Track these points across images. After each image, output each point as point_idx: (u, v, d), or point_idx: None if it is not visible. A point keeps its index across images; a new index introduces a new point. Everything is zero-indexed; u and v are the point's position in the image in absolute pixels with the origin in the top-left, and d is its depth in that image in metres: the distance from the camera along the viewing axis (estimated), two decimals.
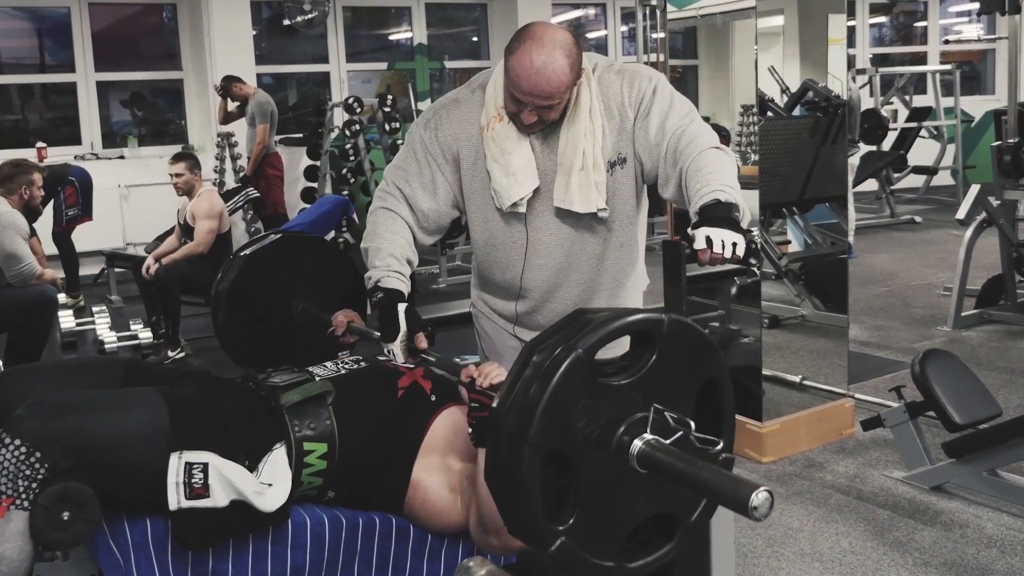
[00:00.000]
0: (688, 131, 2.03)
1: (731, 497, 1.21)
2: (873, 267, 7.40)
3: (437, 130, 2.18)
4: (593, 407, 1.35)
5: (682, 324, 1.43)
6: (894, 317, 5.87)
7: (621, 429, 1.36)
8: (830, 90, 5.00)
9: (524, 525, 1.36)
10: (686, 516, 1.48)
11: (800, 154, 4.62)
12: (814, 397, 4.04)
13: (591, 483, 1.37)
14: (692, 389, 1.47)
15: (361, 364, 2.05)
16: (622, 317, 1.39)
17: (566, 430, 1.33)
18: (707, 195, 1.84)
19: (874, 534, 3.06)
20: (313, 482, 1.84)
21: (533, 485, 1.31)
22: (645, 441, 1.34)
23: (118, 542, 1.66)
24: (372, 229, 2.22)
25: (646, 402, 1.38)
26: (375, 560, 1.89)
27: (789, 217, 5.51)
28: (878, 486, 3.42)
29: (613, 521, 1.41)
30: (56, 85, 9.06)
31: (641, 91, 2.09)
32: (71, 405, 1.67)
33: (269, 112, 7.83)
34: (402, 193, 2.21)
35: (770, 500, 1.17)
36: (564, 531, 1.35)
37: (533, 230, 2.18)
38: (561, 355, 1.32)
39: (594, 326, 1.35)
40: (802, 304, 5.07)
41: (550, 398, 1.30)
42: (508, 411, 1.33)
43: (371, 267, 2.16)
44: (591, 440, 1.35)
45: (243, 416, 1.80)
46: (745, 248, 1.77)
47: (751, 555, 2.94)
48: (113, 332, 5.84)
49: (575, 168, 2.08)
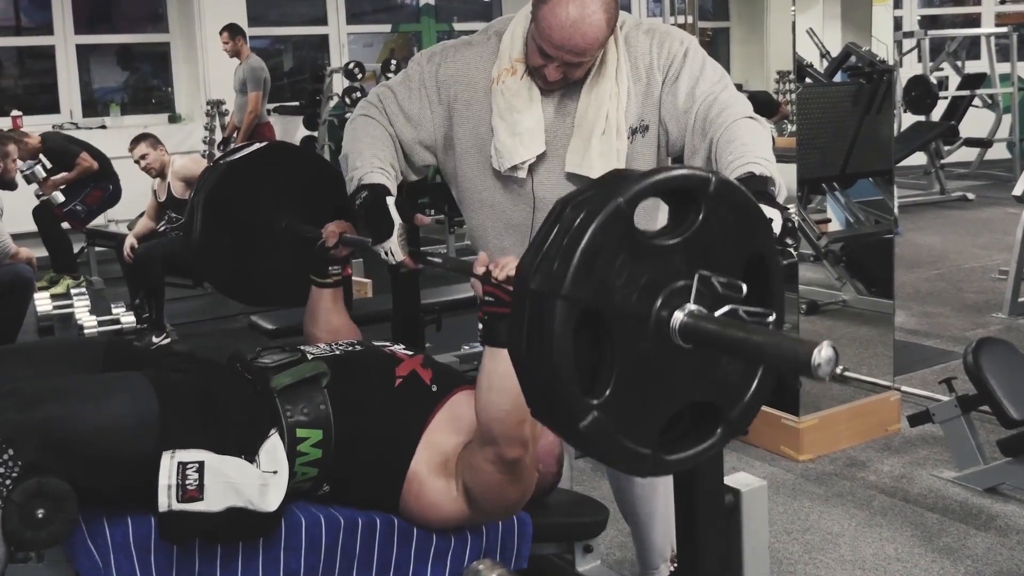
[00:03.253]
0: (720, 99, 2.01)
1: (790, 357, 1.16)
2: (921, 248, 7.35)
3: (440, 66, 2.17)
4: (633, 266, 1.29)
5: (731, 186, 1.39)
6: (944, 303, 5.83)
7: (662, 298, 1.31)
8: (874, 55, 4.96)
9: (552, 398, 1.29)
10: (728, 408, 1.44)
11: (841, 124, 4.59)
12: (856, 390, 4.02)
13: (629, 354, 1.31)
14: (738, 262, 1.41)
15: (356, 347, 2.04)
16: (665, 171, 1.35)
17: (603, 288, 1.27)
18: (740, 168, 1.83)
19: (922, 540, 3.04)
20: (308, 473, 1.83)
21: (565, 346, 1.25)
22: (688, 312, 1.30)
23: (97, 543, 1.66)
24: (352, 135, 2.19)
25: (690, 269, 1.33)
26: (375, 564, 1.89)
27: (829, 193, 5.49)
28: (926, 487, 3.40)
29: (651, 403, 1.36)
30: (33, 49, 9.08)
31: (671, 53, 2.08)
32: (48, 393, 1.66)
33: (262, 79, 7.82)
34: (386, 113, 2.20)
35: (834, 357, 1.14)
36: (598, 405, 1.29)
37: (541, 193, 2.15)
38: (598, 205, 1.27)
39: (634, 178, 1.32)
40: (843, 288, 5.04)
41: (587, 247, 1.24)
42: (538, 265, 1.27)
43: (351, 169, 2.13)
44: (629, 303, 1.30)
45: (236, 402, 1.79)
46: (782, 226, 1.76)
47: (787, 562, 2.93)
48: (93, 316, 5.82)
49: (596, 132, 2.06)
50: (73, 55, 8.87)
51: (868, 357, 4.24)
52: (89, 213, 6.80)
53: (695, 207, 1.35)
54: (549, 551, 2.24)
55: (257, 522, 1.71)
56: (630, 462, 1.35)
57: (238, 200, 2.38)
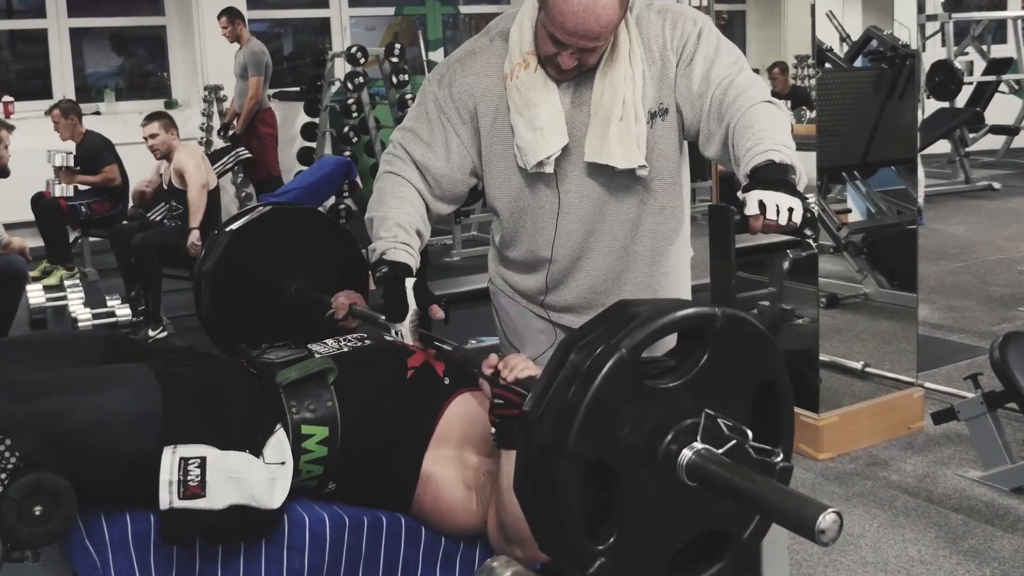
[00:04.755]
0: (736, 82, 2.01)
1: (794, 519, 1.20)
2: (945, 239, 7.34)
3: (451, 86, 2.17)
4: (638, 413, 1.34)
5: (737, 319, 1.42)
6: (969, 296, 5.82)
7: (669, 437, 1.36)
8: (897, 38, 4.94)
9: (559, 544, 1.35)
10: (739, 532, 1.47)
11: (863, 111, 4.59)
12: (878, 386, 4.03)
13: (635, 497, 1.36)
14: (748, 392, 1.46)
15: (365, 342, 2.04)
16: (670, 312, 1.38)
17: (608, 439, 1.32)
18: (759, 155, 1.82)
19: (946, 541, 3.04)
20: (312, 471, 1.84)
21: (571, 500, 1.31)
22: (695, 451, 1.34)
23: (95, 541, 1.66)
24: (378, 197, 2.21)
25: (696, 407, 1.38)
26: (381, 564, 1.89)
27: (850, 182, 5.48)
28: (951, 487, 3.40)
29: (659, 539, 1.41)
30: (25, 32, 9.09)
31: (685, 34, 2.08)
32: (47, 385, 1.66)
33: (263, 63, 7.83)
34: (411, 157, 2.20)
35: (839, 523, 1.17)
36: (604, 551, 1.34)
37: (564, 192, 2.16)
38: (603, 355, 1.31)
39: (639, 322, 1.35)
40: (864, 281, 5.04)
41: (591, 403, 1.29)
42: (543, 417, 1.32)
43: (375, 238, 2.15)
44: (636, 450, 1.35)
45: (241, 397, 1.79)
46: (801, 217, 1.76)
47: (806, 564, 2.93)
48: (88, 309, 5.83)
49: (613, 118, 2.05)
50: (66, 38, 8.88)
51: (890, 352, 4.24)
52: (89, 219, 6.85)
53: (701, 344, 1.39)
54: None
55: (260, 519, 1.72)
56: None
57: (246, 268, 2.43)
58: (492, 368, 1.77)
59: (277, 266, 2.45)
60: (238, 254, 2.43)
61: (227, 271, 2.42)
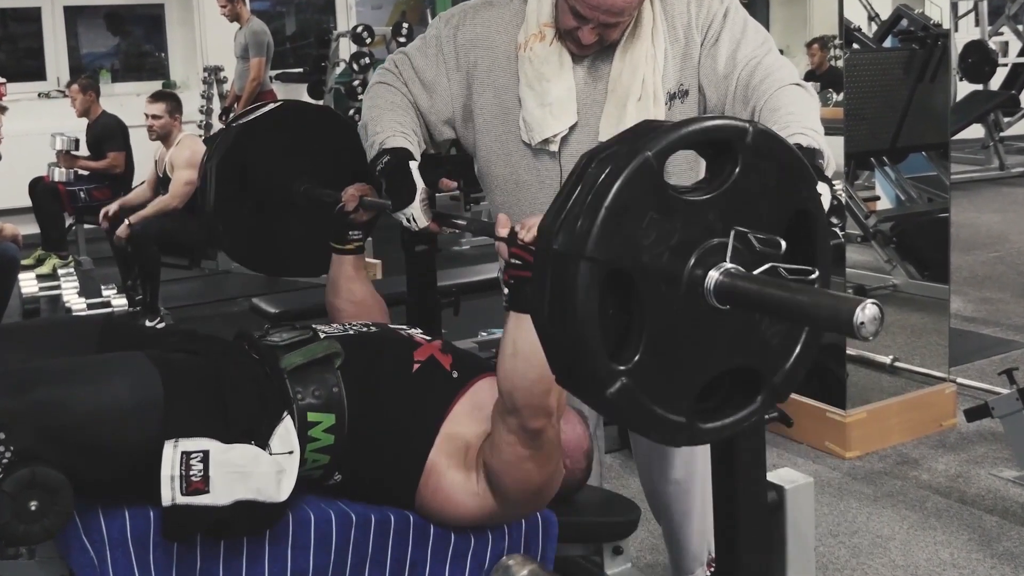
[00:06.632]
0: (763, 63, 2.01)
1: (831, 315, 1.17)
2: (979, 228, 7.31)
3: (458, 28, 2.18)
4: (663, 224, 1.30)
5: (771, 137, 1.39)
6: (1004, 288, 5.80)
7: (696, 255, 1.31)
8: (928, 18, 4.92)
9: (577, 364, 1.30)
10: (771, 372, 1.44)
11: (892, 94, 4.58)
12: (908, 381, 4.01)
13: (659, 317, 1.32)
14: (780, 219, 1.41)
15: (371, 328, 2.05)
16: (698, 121, 1.35)
17: (630, 246, 1.28)
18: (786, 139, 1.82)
19: (980, 544, 3.03)
20: (319, 460, 1.84)
21: (590, 310, 1.26)
22: (724, 271, 1.30)
23: (92, 538, 1.67)
24: (371, 102, 2.22)
25: (726, 225, 1.33)
26: (389, 563, 1.89)
27: (878, 168, 5.46)
28: (984, 487, 3.39)
29: (684, 368, 1.36)
30: (17, 11, 9.10)
31: (711, 13, 2.08)
32: (42, 375, 1.67)
33: (265, 43, 7.83)
34: (403, 79, 2.22)
35: (879, 316, 1.14)
36: (626, 371, 1.29)
37: (568, 170, 2.15)
38: (625, 159, 1.27)
39: (664, 130, 1.31)
40: (893, 272, 5.02)
41: (612, 204, 1.25)
42: (560, 225, 1.28)
43: (372, 135, 2.15)
44: (660, 263, 1.30)
45: (246, 385, 1.79)
46: (829, 202, 1.75)
47: (832, 567, 2.93)
48: (82, 298, 5.87)
49: (631, 98, 2.05)
50: (60, 18, 8.91)
51: (921, 346, 4.22)
52: (87, 205, 6.87)
53: (731, 159, 1.35)
54: (576, 552, 2.24)
55: (265, 514, 1.72)
56: (663, 431, 1.35)
57: (253, 165, 2.43)
58: (507, 228, 1.78)
59: (287, 163, 2.46)
60: (246, 150, 2.43)
61: (234, 166, 2.42)
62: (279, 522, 1.77)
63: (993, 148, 9.60)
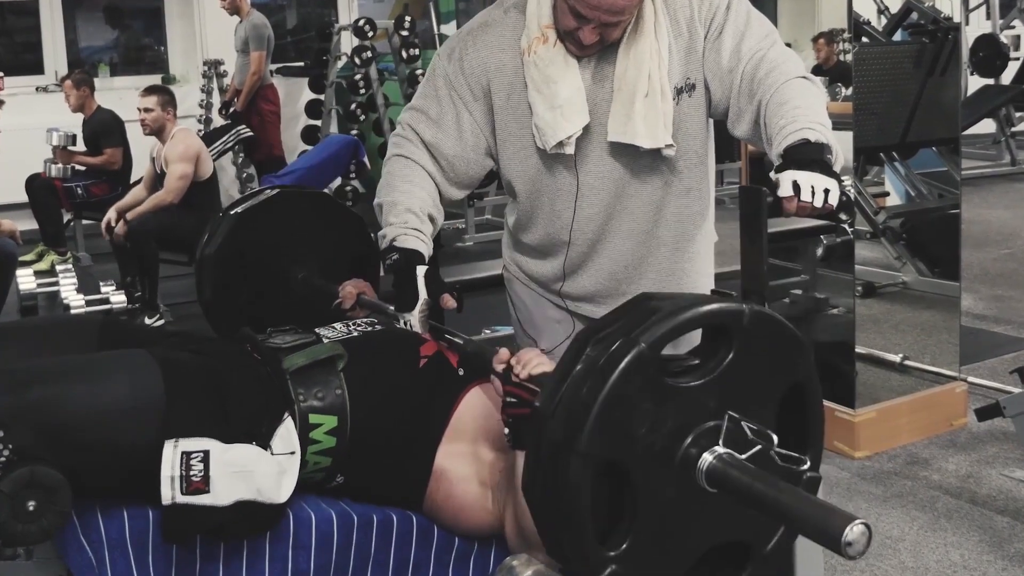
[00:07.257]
0: (768, 56, 2.01)
1: (820, 529, 1.21)
2: (990, 225, 7.31)
3: (462, 60, 2.17)
4: (656, 412, 1.34)
5: (765, 317, 1.42)
6: (1015, 285, 5.80)
7: (688, 440, 1.36)
8: (938, 11, 4.91)
9: (568, 548, 1.35)
10: (761, 544, 1.47)
11: (902, 88, 4.57)
12: (918, 380, 4.01)
13: (650, 502, 1.36)
14: (774, 395, 1.46)
15: (376, 327, 2.04)
16: (694, 307, 1.38)
17: (623, 438, 1.32)
18: (793, 133, 1.83)
19: (991, 545, 3.03)
20: (320, 462, 1.84)
21: (582, 502, 1.31)
22: (716, 455, 1.34)
23: (91, 538, 1.66)
24: (387, 181, 2.21)
25: (719, 409, 1.37)
26: (391, 565, 1.89)
27: (888, 164, 5.46)
28: (996, 488, 3.39)
29: (675, 549, 1.41)
30: (14, 4, 9.09)
31: (713, 6, 2.08)
32: (41, 373, 1.66)
33: (265, 37, 7.85)
34: (421, 139, 2.20)
35: (867, 535, 1.19)
36: (616, 558, 1.34)
37: (583, 173, 2.15)
38: (621, 349, 1.31)
39: (660, 317, 1.35)
40: (903, 269, 5.02)
41: (606, 399, 1.29)
42: (554, 412, 1.31)
43: (385, 224, 2.16)
44: (652, 451, 1.35)
45: (248, 385, 1.79)
46: (837, 198, 1.75)
47: (841, 569, 2.92)
48: (81, 295, 5.87)
49: (638, 94, 2.05)
50: (58, 11, 8.90)
51: (931, 344, 4.22)
52: (85, 201, 6.88)
53: (727, 342, 1.39)
54: None
55: (265, 515, 1.72)
56: None
57: (251, 253, 2.43)
58: (504, 364, 1.77)
59: (283, 252, 2.45)
60: (243, 238, 2.43)
61: (231, 256, 2.41)
62: (279, 523, 1.77)
63: (1004, 143, 9.59)
